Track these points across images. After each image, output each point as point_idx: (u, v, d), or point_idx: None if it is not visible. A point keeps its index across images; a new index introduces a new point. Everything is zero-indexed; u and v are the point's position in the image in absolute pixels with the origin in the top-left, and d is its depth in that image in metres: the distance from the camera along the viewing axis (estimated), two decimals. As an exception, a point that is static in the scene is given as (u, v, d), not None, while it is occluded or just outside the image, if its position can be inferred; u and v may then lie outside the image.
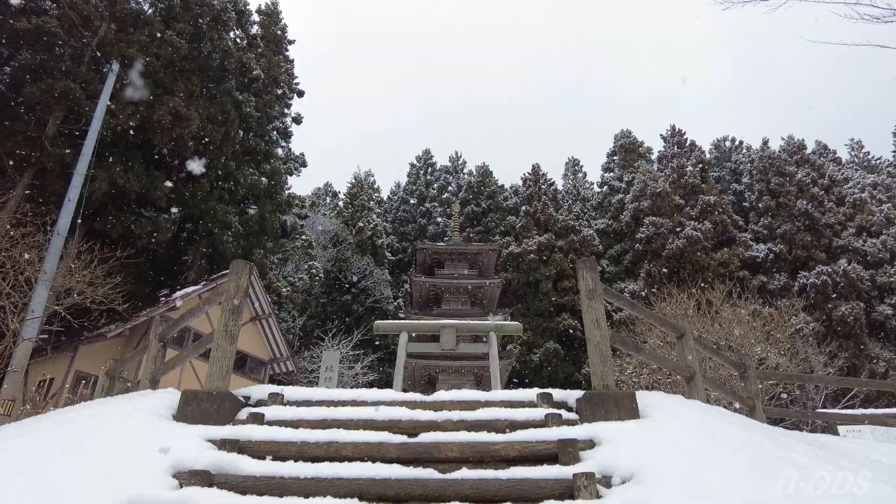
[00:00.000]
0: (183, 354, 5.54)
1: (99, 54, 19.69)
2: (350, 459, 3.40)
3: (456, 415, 4.01)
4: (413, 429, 3.87)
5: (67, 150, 18.56)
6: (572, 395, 4.44)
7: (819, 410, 16.64)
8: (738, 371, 6.56)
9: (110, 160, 20.24)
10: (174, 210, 23.93)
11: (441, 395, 4.49)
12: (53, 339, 17.19)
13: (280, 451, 3.52)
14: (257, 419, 3.91)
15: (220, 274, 22.59)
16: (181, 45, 22.53)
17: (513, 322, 15.11)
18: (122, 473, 3.03)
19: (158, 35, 21.85)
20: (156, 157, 23.53)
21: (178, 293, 20.50)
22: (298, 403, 4.39)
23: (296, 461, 3.38)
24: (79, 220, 16.49)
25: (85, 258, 15.49)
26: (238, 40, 29.11)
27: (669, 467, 3.00)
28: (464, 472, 3.23)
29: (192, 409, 4.06)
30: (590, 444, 3.52)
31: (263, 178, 29.88)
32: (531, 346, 37.14)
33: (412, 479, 3.14)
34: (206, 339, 5.05)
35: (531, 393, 4.45)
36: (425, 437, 3.68)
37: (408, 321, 16.50)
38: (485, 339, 10.55)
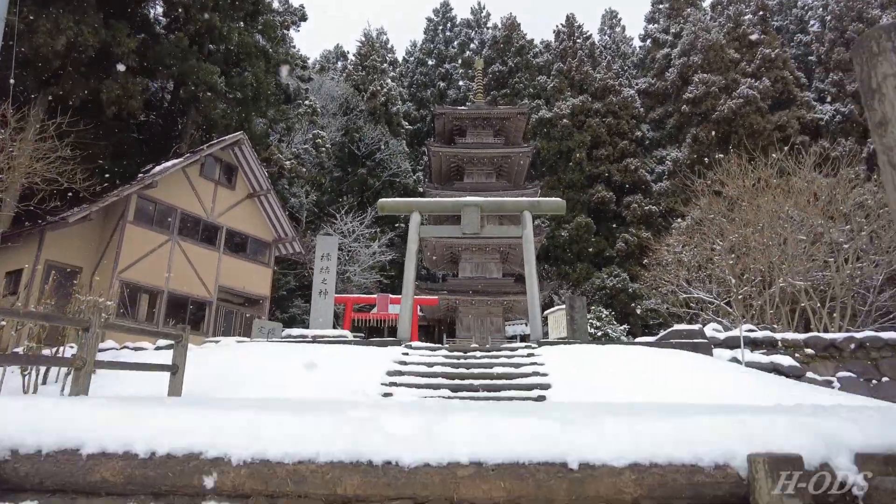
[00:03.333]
0: None
1: None
2: None
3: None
4: None
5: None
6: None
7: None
8: None
9: (54, 9, 16.45)
10: (160, 79, 20.34)
11: (455, 449, 1.58)
12: (11, 226, 14.93)
13: None
14: None
15: (207, 145, 19.57)
16: None
17: (552, 198, 12.04)
18: None
19: None
20: (118, 5, 19.52)
21: (158, 168, 17.74)
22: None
23: None
24: (11, 80, 13.57)
25: (35, 129, 13.01)
26: None
27: None
28: None
29: None
30: None
31: (257, 35, 25.82)
32: (560, 221, 34.22)
33: None
34: None
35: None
36: None
37: (419, 199, 13.54)
38: (509, 219, 7.71)
